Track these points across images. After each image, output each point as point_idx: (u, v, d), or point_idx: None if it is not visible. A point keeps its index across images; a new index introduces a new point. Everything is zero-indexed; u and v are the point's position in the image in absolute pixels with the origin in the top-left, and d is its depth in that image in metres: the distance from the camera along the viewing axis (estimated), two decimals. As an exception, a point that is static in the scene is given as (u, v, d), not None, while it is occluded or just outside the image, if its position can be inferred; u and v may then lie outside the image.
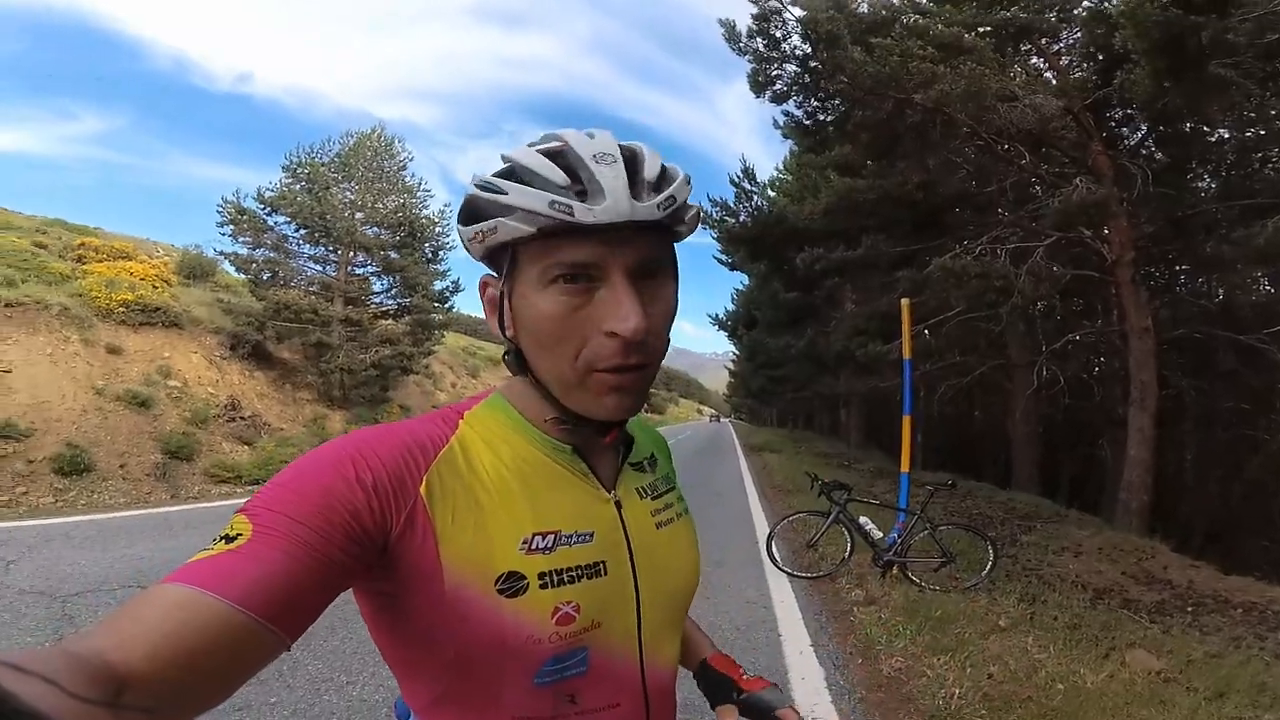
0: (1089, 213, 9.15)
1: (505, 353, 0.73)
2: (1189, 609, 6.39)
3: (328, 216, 14.91)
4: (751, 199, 15.82)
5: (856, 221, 11.65)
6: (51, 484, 8.66)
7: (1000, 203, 11.36)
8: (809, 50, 11.01)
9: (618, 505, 0.75)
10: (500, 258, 0.68)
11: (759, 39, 11.65)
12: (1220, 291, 13.94)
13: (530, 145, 0.66)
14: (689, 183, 0.67)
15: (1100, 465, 14.29)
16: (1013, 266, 9.80)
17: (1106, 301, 13.52)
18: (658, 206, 0.62)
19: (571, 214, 0.59)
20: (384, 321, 16.51)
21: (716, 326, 35.42)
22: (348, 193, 16.07)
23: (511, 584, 0.64)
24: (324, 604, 0.56)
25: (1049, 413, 14.85)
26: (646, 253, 0.64)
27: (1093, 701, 3.47)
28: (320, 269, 15.87)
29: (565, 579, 0.67)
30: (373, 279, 16.73)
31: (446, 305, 17.84)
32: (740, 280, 32.03)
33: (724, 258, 20.48)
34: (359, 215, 15.93)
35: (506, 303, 0.69)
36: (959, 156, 11.46)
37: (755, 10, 11.38)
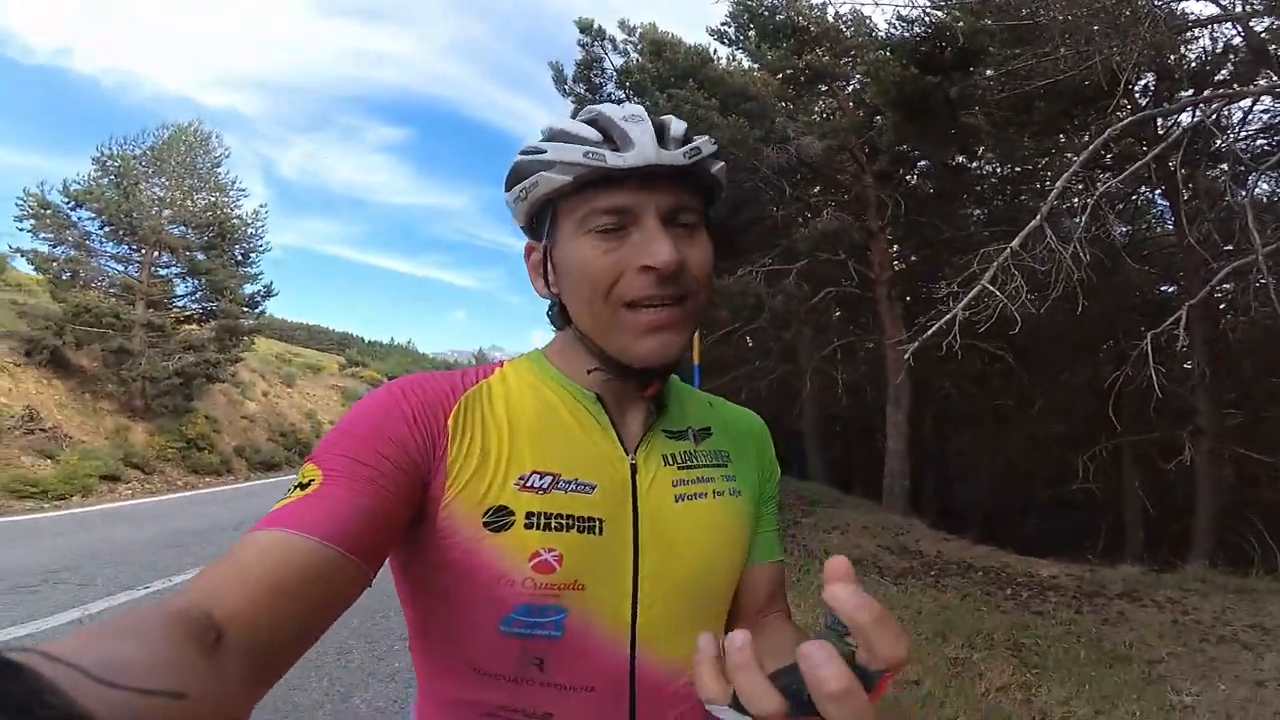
0: (832, 240, 10.77)
1: (549, 309, 0.76)
2: (933, 573, 7.20)
3: (134, 214, 14.05)
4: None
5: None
6: None
7: (785, 229, 12.79)
8: (623, 97, 12.15)
9: (633, 468, 0.72)
10: (542, 219, 0.72)
11: (581, 84, 12.88)
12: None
13: (571, 118, 0.72)
14: (715, 147, 0.70)
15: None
16: (767, 286, 11.24)
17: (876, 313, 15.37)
18: (684, 154, 0.66)
19: (604, 160, 0.63)
20: (188, 326, 15.62)
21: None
22: (157, 188, 15.19)
23: (498, 518, 0.63)
24: (396, 533, 0.61)
25: (836, 411, 16.64)
26: (678, 200, 0.67)
27: (823, 641, 4.28)
28: (122, 269, 14.74)
29: (554, 524, 0.64)
30: (176, 281, 15.74)
31: (257, 310, 16.97)
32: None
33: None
34: (166, 213, 15.04)
35: (549, 261, 0.71)
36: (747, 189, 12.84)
37: (580, 57, 12.66)
